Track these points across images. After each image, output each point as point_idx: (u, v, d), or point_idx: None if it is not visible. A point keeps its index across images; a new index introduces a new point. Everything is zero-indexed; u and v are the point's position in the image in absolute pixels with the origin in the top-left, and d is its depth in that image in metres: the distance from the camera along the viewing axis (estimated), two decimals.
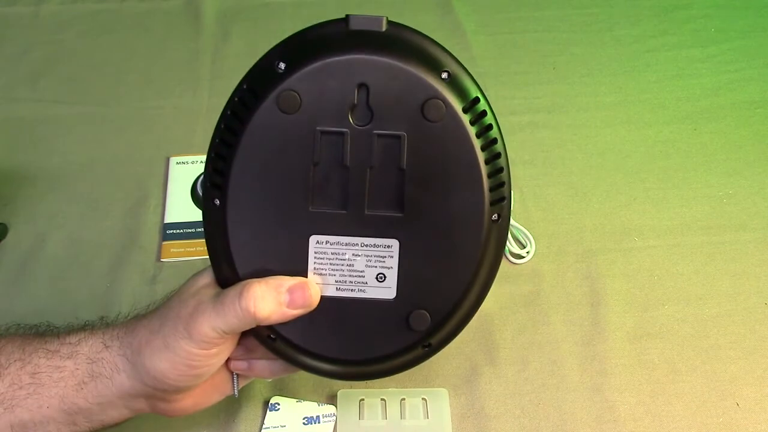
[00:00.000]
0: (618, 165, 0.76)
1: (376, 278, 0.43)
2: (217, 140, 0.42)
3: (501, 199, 0.43)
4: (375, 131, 0.40)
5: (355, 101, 0.40)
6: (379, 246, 0.42)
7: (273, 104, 0.40)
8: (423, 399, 0.55)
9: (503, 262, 0.66)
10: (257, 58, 0.41)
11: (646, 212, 0.71)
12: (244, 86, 0.41)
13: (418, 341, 0.45)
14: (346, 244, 0.42)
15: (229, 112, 0.41)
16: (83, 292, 0.63)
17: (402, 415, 0.54)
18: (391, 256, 0.43)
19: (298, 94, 0.39)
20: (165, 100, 0.83)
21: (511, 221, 0.68)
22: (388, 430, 0.54)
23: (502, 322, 0.61)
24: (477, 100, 0.41)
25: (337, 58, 0.39)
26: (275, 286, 0.42)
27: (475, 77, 0.42)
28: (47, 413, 0.43)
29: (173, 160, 0.75)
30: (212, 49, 0.89)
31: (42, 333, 0.47)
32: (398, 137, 0.40)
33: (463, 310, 0.45)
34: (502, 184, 0.42)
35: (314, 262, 0.43)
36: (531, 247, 0.67)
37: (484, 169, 0.41)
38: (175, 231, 0.68)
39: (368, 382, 0.56)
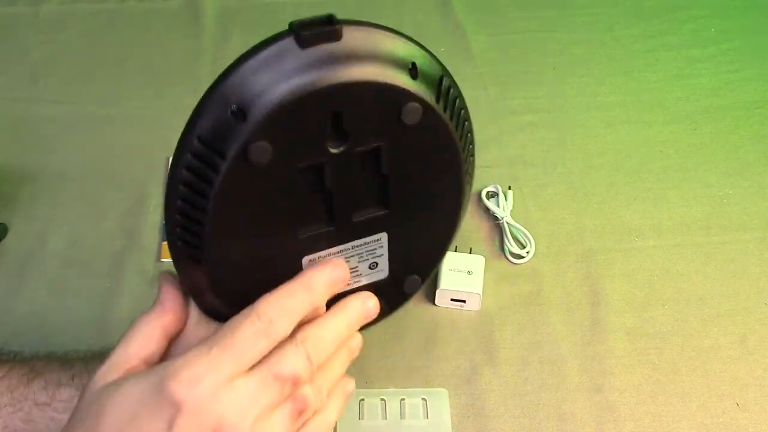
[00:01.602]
0: (618, 165, 0.76)
1: (369, 267, 0.44)
2: (179, 202, 0.37)
3: (472, 159, 0.43)
4: (354, 150, 0.38)
5: (329, 130, 0.37)
6: (368, 243, 0.42)
7: (241, 160, 0.35)
8: (423, 399, 0.55)
9: (503, 262, 0.66)
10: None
11: (646, 212, 0.71)
12: (197, 140, 0.36)
13: (409, 296, 0.47)
14: (338, 252, 0.42)
15: (186, 172, 0.36)
16: (83, 292, 0.63)
17: (402, 415, 0.54)
18: (381, 246, 0.43)
19: (268, 142, 0.35)
20: (165, 100, 0.83)
21: (511, 221, 0.68)
22: (388, 430, 0.54)
23: (502, 322, 0.61)
24: (441, 79, 0.39)
25: (301, 91, 0.34)
26: None
27: (436, 56, 0.39)
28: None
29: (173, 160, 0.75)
30: (212, 49, 0.89)
31: (30, 380, 0.45)
32: (378, 148, 0.39)
33: (444, 255, 0.47)
34: (472, 146, 0.43)
35: None
36: (531, 247, 0.67)
37: (461, 148, 0.41)
38: None
39: (368, 381, 0.56)
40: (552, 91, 0.85)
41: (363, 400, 0.55)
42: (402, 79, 0.36)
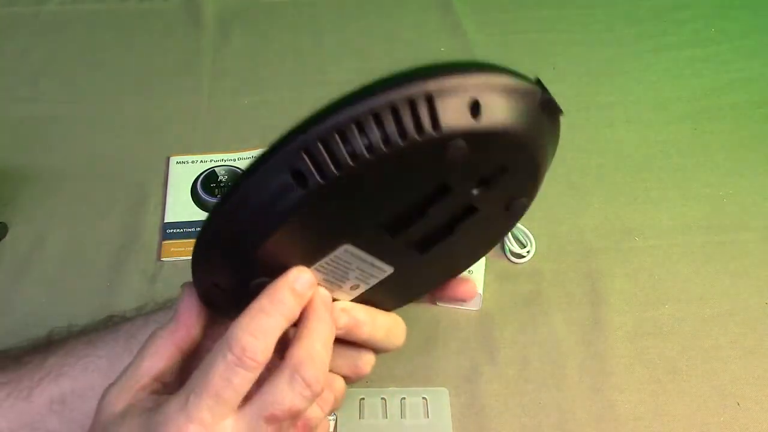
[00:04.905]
0: (618, 165, 0.76)
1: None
2: None
3: None
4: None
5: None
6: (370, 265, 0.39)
7: None
8: (423, 398, 0.55)
9: (504, 262, 0.66)
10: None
11: (646, 212, 0.71)
12: None
13: None
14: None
15: None
16: (83, 292, 0.63)
17: (402, 415, 0.54)
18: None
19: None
20: (165, 100, 0.83)
21: None
22: (388, 430, 0.54)
23: (502, 322, 0.61)
24: None
25: None
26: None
27: None
28: (91, 379, 0.42)
29: (173, 159, 0.75)
30: (212, 49, 0.89)
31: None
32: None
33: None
34: None
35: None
36: (531, 247, 0.67)
37: None
38: (175, 230, 0.68)
39: (368, 381, 0.56)
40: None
41: (363, 399, 0.55)
42: None
